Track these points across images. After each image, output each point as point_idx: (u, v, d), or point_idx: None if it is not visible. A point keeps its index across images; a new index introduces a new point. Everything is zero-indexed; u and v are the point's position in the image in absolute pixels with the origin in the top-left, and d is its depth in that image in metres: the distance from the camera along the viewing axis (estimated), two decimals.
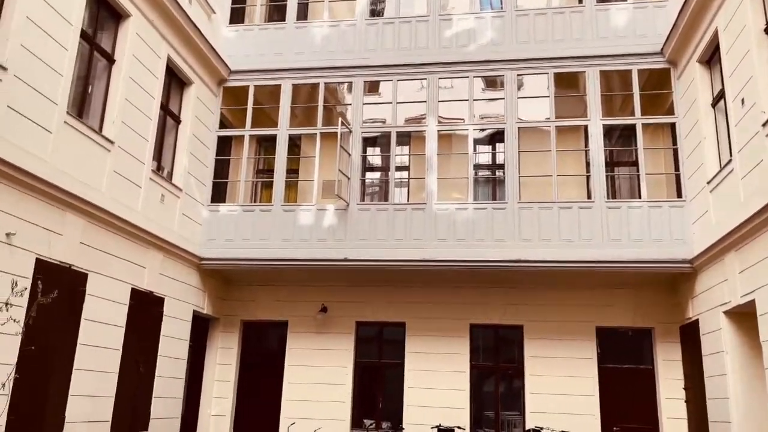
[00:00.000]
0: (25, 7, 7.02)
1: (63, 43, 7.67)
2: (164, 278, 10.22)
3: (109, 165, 8.65)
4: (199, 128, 11.41)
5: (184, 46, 10.67)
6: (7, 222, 6.83)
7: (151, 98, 9.74)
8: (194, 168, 11.22)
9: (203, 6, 11.34)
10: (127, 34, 9.11)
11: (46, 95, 7.39)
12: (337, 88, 12.69)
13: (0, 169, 6.64)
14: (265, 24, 12.50)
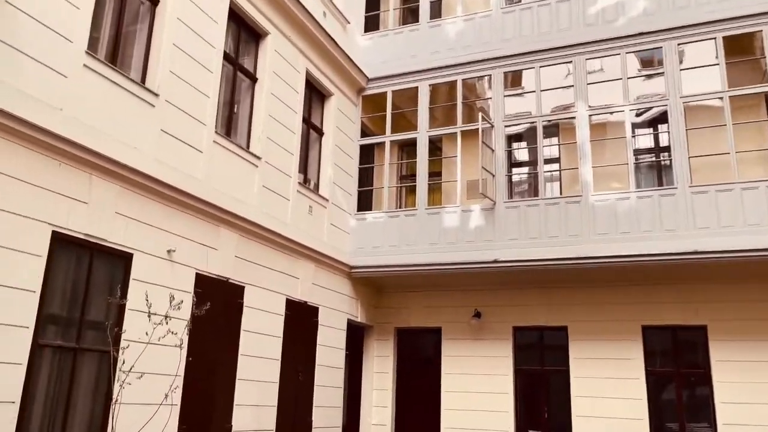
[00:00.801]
0: (172, 35, 7.41)
1: (208, 66, 8.02)
2: (317, 288, 10.35)
3: (257, 180, 8.92)
4: (342, 138, 11.51)
5: (322, 59, 10.82)
6: (168, 239, 7.21)
7: (294, 113, 9.95)
8: (339, 178, 11.32)
9: (338, 17, 11.46)
10: (266, 52, 9.38)
11: (195, 117, 7.74)
12: (476, 84, 12.20)
13: (159, 190, 7.03)
14: (399, 28, 12.38)
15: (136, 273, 6.72)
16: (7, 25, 5.46)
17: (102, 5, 6.75)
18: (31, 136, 5.59)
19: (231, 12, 8.57)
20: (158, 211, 7.09)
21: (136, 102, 6.85)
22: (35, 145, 5.68)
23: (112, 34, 6.89)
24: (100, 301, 6.31)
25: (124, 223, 6.62)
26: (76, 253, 6.16)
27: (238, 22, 8.89)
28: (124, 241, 6.62)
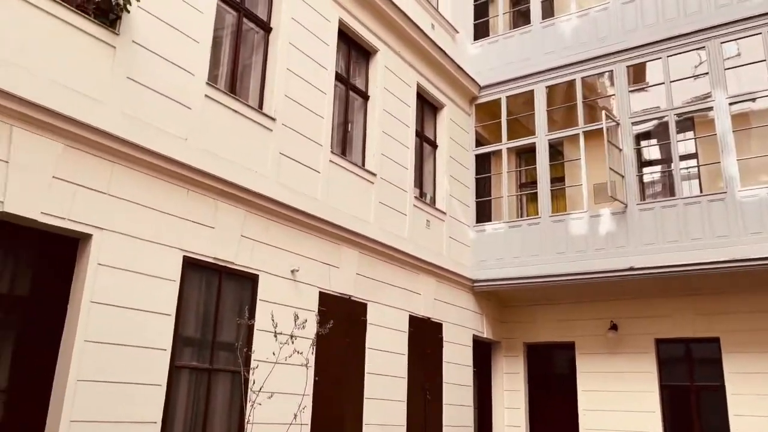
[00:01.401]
0: (285, 60, 7.58)
1: (321, 88, 8.13)
2: (440, 303, 10.12)
3: (374, 197, 8.89)
4: (456, 150, 11.27)
5: (433, 71, 10.69)
6: (291, 259, 7.31)
7: (406, 127, 9.86)
8: (456, 190, 11.07)
9: (446, 28, 11.30)
10: (377, 69, 9.39)
11: (311, 138, 7.85)
12: (597, 82, 11.52)
13: (280, 212, 7.16)
14: (509, 32, 11.99)
15: (262, 294, 6.86)
16: (136, 64, 5.79)
17: (219, 37, 7.04)
18: (160, 166, 5.88)
19: (340, 33, 8.66)
20: (281, 232, 7.22)
21: (254, 127, 7.05)
22: (164, 174, 5.95)
23: (230, 63, 7.15)
24: (230, 322, 6.49)
25: (249, 246, 6.78)
26: (205, 277, 6.38)
27: (347, 41, 8.98)
28: (250, 263, 6.78)
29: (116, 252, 5.48)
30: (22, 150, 4.86)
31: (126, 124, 5.58)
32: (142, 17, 5.86)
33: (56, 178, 5.08)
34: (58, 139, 5.10)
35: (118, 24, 5.68)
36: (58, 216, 5.08)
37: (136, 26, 5.81)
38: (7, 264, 5.16)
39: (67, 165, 5.16)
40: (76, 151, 5.24)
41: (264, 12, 7.65)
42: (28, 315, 5.22)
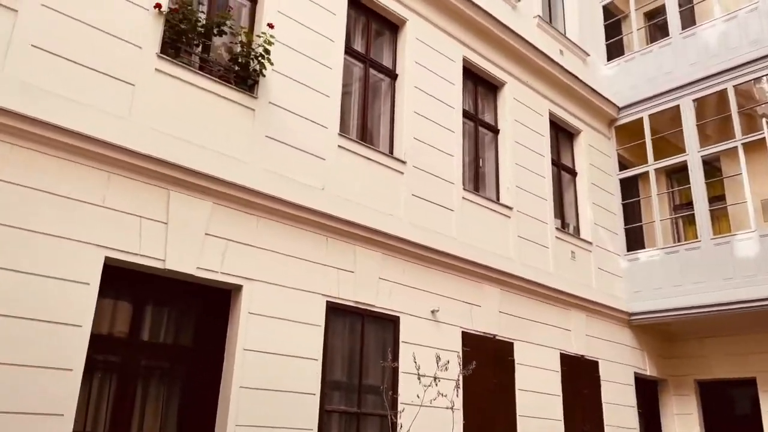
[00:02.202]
0: (412, 104, 7.72)
1: (449, 127, 8.15)
2: (593, 339, 9.50)
3: (512, 231, 8.65)
4: (598, 175, 10.71)
5: (565, 97, 10.35)
6: (431, 300, 7.28)
7: (541, 156, 9.57)
8: (601, 218, 10.48)
9: (576, 52, 10.93)
10: (505, 101, 9.26)
11: (443, 177, 7.86)
12: (753, 88, 10.45)
13: (416, 252, 7.19)
14: (646, 48, 11.33)
15: (404, 335, 6.86)
16: (273, 123, 6.19)
17: (348, 89, 7.35)
18: (300, 216, 6.17)
19: (465, 70, 8.69)
20: (418, 272, 7.23)
21: (386, 172, 7.20)
22: (304, 224, 6.23)
23: (359, 112, 7.43)
24: (375, 365, 6.54)
25: (388, 288, 6.86)
26: (348, 321, 6.52)
27: (473, 78, 8.97)
28: (390, 305, 6.84)
29: (264, 301, 5.78)
30: (178, 211, 5.33)
31: (267, 180, 5.95)
32: (276, 79, 6.28)
33: (208, 234, 5.50)
34: (208, 198, 5.55)
35: (256, 88, 6.14)
36: (211, 270, 5.47)
37: (272, 88, 6.23)
38: (170, 317, 5.64)
39: (217, 222, 5.58)
40: (224, 208, 5.66)
41: (389, 60, 7.89)
42: (191, 364, 5.64)
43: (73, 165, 4.81)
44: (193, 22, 5.70)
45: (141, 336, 5.44)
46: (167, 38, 5.60)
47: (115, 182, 5.02)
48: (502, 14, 9.26)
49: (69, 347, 4.54)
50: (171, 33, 5.62)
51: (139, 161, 5.10)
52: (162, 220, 5.24)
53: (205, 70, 5.86)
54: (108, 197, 4.95)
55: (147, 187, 5.20)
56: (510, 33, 9.18)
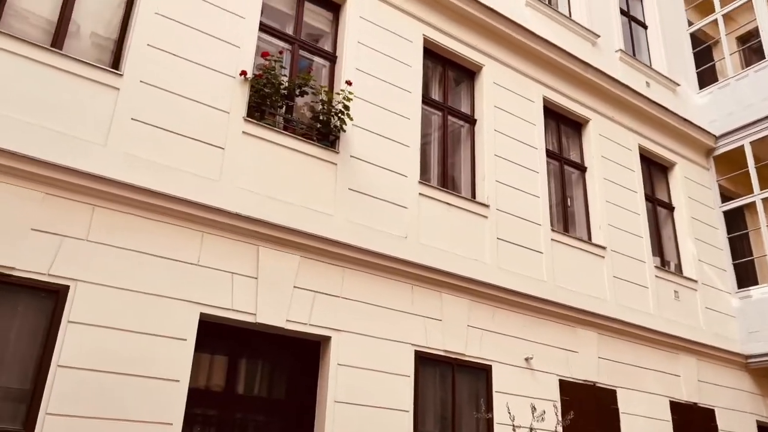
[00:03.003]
0: (492, 147, 7.67)
1: (533, 168, 8.02)
2: (706, 385, 8.80)
3: (606, 271, 8.28)
4: (698, 209, 10.11)
5: (655, 129, 9.95)
6: (524, 346, 7.05)
7: (633, 192, 9.18)
8: (705, 254, 9.83)
9: (664, 83, 10.54)
10: (590, 138, 9.02)
11: (529, 219, 7.70)
12: None
13: (505, 298, 7.02)
14: (741, 72, 10.75)
15: (497, 384, 6.65)
16: (354, 176, 6.33)
17: (427, 137, 7.43)
18: (385, 265, 6.21)
19: (546, 109, 8.57)
20: (508, 318, 7.04)
21: (469, 216, 7.15)
22: (389, 273, 6.26)
23: (439, 159, 7.46)
24: (467, 416, 6.37)
25: (477, 336, 6.71)
26: (438, 370, 6.41)
27: (554, 117, 8.82)
28: (480, 353, 6.67)
29: (353, 352, 5.80)
30: (267, 266, 5.52)
31: (351, 231, 6.06)
32: (356, 133, 6.46)
33: (297, 287, 5.64)
34: (295, 252, 5.71)
35: (337, 143, 6.33)
36: (300, 322, 5.59)
37: (352, 142, 6.41)
38: (263, 370, 5.79)
39: (304, 275, 5.72)
40: (311, 261, 5.79)
41: (467, 106, 7.93)
42: (284, 417, 5.72)
43: (170, 227, 5.12)
44: (276, 85, 6.01)
45: (236, 389, 5.60)
46: (252, 102, 5.92)
47: (209, 241, 5.28)
48: (581, 52, 9.13)
49: (168, 402, 4.74)
50: (256, 97, 5.94)
51: (230, 220, 5.35)
52: (252, 276, 5.43)
53: (289, 129, 6.13)
54: (202, 256, 5.21)
55: (238, 244, 5.43)
56: (591, 69, 9.01)
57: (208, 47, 5.74)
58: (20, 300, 4.47)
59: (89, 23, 5.45)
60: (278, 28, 6.58)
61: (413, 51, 7.31)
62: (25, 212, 4.53)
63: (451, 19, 7.76)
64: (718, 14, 11.20)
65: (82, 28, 5.41)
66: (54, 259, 4.56)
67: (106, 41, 5.49)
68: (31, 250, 4.50)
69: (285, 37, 6.58)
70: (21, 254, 4.45)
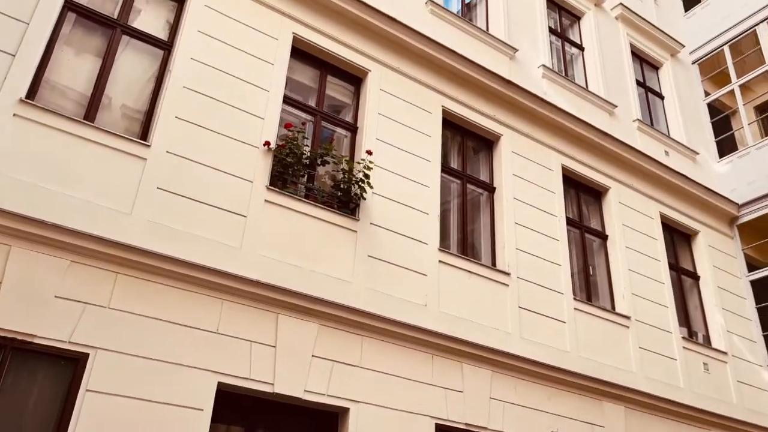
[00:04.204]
0: (512, 215, 7.68)
1: (553, 236, 7.98)
2: None
3: (632, 342, 8.08)
4: (724, 278, 9.91)
5: (676, 198, 9.90)
6: (547, 420, 6.83)
7: (657, 261, 9.05)
8: (734, 325, 9.56)
9: (683, 152, 10.57)
10: (611, 206, 8.99)
11: (550, 288, 7.60)
12: None
13: (528, 369, 6.86)
14: (760, 141, 10.75)
15: None
16: (374, 243, 6.35)
17: (446, 204, 7.47)
18: (405, 334, 6.13)
19: (565, 178, 8.60)
20: (530, 390, 6.84)
21: (490, 285, 7.08)
22: (409, 342, 6.17)
23: (459, 227, 7.48)
24: None
25: (499, 408, 6.52)
26: None
27: (574, 185, 8.84)
28: (503, 426, 6.46)
29: (372, 423, 5.66)
30: (286, 334, 5.48)
31: (371, 299, 6.03)
32: (376, 201, 6.53)
33: (315, 356, 5.58)
34: (314, 320, 5.68)
35: (357, 210, 6.39)
36: (318, 392, 5.49)
37: (372, 210, 6.47)
38: None
39: (323, 343, 5.66)
40: (330, 330, 5.74)
41: (485, 174, 8.01)
42: None
43: (190, 294, 5.14)
44: (298, 155, 6.14)
45: None
46: (275, 171, 6.05)
47: (228, 309, 5.28)
48: (598, 121, 9.25)
49: None
50: (279, 166, 6.07)
51: (249, 287, 5.36)
52: (271, 344, 5.39)
53: (310, 197, 6.22)
54: (222, 324, 5.20)
55: (257, 312, 5.42)
56: (608, 138, 9.09)
57: (233, 119, 5.93)
58: (40, 367, 4.47)
59: (120, 95, 5.68)
60: (301, 100, 6.78)
61: (432, 121, 7.46)
62: (50, 280, 4.60)
63: (469, 91, 7.94)
64: (735, 85, 11.33)
65: (113, 100, 5.63)
66: (75, 327, 4.58)
67: (135, 113, 5.70)
68: (54, 317, 4.53)
69: (308, 108, 6.78)
70: (43, 321, 4.49)
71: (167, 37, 6.02)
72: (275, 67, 6.41)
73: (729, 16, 11.62)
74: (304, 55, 6.88)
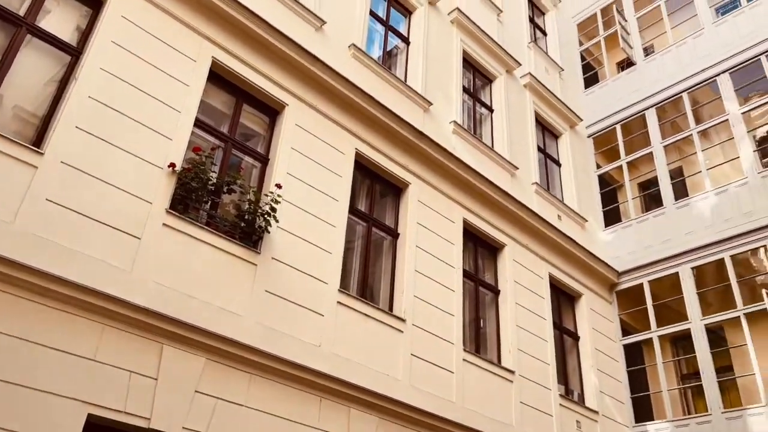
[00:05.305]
0: (413, 263, 7.81)
1: (450, 286, 8.18)
2: None
3: (514, 396, 8.33)
4: (601, 341, 10.52)
5: (565, 260, 10.47)
6: None
7: (542, 319, 9.47)
8: (606, 386, 10.12)
9: (574, 218, 11.25)
10: (505, 263, 9.36)
11: (442, 337, 7.74)
12: (750, 258, 10.61)
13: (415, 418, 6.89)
14: (642, 216, 11.63)
15: None
16: (274, 278, 6.22)
17: (350, 245, 7.48)
18: (295, 375, 5.99)
19: (465, 231, 8.89)
20: None
21: (385, 330, 7.11)
22: (298, 383, 6.04)
23: (360, 270, 7.49)
24: None
25: None
26: None
27: (473, 239, 9.15)
28: None
29: None
30: (170, 367, 5.20)
31: (263, 335, 5.86)
32: (280, 236, 6.43)
33: (198, 392, 5.32)
34: (202, 354, 5.43)
35: (260, 244, 6.26)
36: (198, 431, 5.21)
37: (275, 244, 6.36)
38: None
39: (208, 379, 5.41)
40: (217, 365, 5.52)
41: (391, 220, 8.12)
42: None
43: (67, 316, 4.78)
44: (204, 180, 5.96)
45: None
46: (178, 195, 5.82)
47: (109, 335, 4.95)
48: (501, 181, 9.68)
49: None
50: (182, 190, 5.85)
51: (135, 314, 5.07)
52: (152, 376, 5.09)
53: (212, 225, 6.03)
54: (99, 351, 4.86)
55: (140, 341, 5.11)
56: (509, 198, 9.52)
57: (139, 136, 5.68)
58: None
59: (15, 96, 5.31)
60: (213, 125, 6.63)
61: (345, 162, 7.51)
62: None
63: (383, 138, 8.08)
64: (623, 161, 12.26)
65: (5, 99, 5.25)
66: None
67: (31, 117, 5.34)
68: None
69: (219, 134, 6.62)
70: None
71: (76, 43, 5.73)
72: (190, 89, 6.25)
73: (622, 98, 12.66)
74: (222, 80, 6.76)
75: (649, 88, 12.25)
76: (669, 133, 11.96)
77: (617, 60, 14.20)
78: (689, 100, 11.60)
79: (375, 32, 9.33)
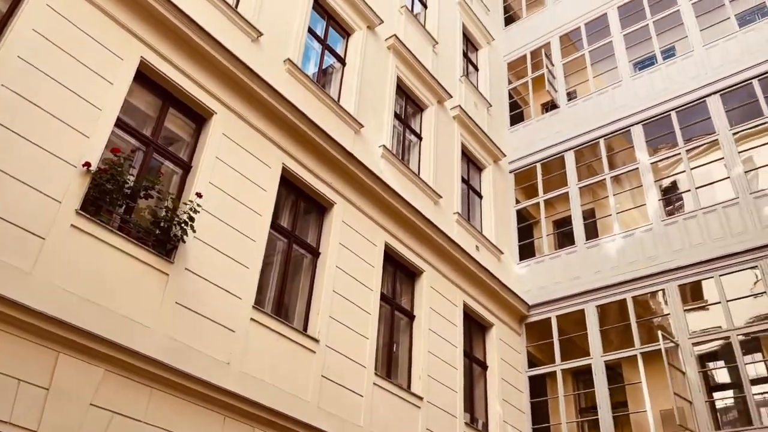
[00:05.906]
0: (331, 283, 7.76)
1: (366, 309, 8.18)
2: None
3: (421, 422, 8.39)
4: (508, 371, 10.80)
5: (479, 290, 10.72)
6: None
7: (454, 347, 9.63)
8: (510, 415, 10.37)
9: (490, 249, 11.57)
10: (422, 289, 9.48)
11: (355, 360, 7.70)
12: (649, 300, 11.25)
13: None
14: (555, 252, 12.12)
15: None
16: (186, 290, 6.01)
17: (269, 262, 7.35)
18: (199, 391, 5.78)
19: (386, 255, 8.95)
20: None
21: (298, 350, 7.00)
22: (202, 400, 5.83)
23: (277, 287, 7.37)
24: None
25: None
26: None
27: (393, 263, 9.22)
28: None
29: None
30: (64, 376, 4.90)
31: (168, 348, 5.63)
32: (196, 246, 6.24)
33: (93, 405, 5.03)
34: (100, 364, 5.15)
35: (174, 253, 6.04)
36: None
37: (190, 255, 6.16)
38: None
39: (105, 391, 5.14)
40: (116, 377, 5.25)
41: (313, 238, 8.06)
42: None
43: None
44: (120, 183, 5.71)
45: None
46: (90, 195, 5.55)
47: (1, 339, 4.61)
48: (424, 208, 9.83)
49: None
50: (95, 191, 5.58)
51: (29, 318, 4.75)
52: (43, 386, 4.78)
53: (124, 230, 5.78)
54: None
55: (34, 347, 4.80)
56: (431, 226, 9.67)
57: (53, 130, 5.39)
58: None
59: None
60: (136, 126, 6.39)
61: (270, 176, 7.41)
62: None
63: (312, 155, 8.04)
64: (540, 199, 12.76)
65: None
66: None
67: None
68: None
69: (141, 137, 6.38)
70: None
71: None
72: (114, 87, 6.00)
73: (544, 138, 13.21)
74: (149, 81, 6.55)
75: (569, 131, 12.85)
76: (585, 175, 12.57)
77: (542, 101, 14.84)
78: (605, 146, 12.26)
79: (312, 49, 9.32)
